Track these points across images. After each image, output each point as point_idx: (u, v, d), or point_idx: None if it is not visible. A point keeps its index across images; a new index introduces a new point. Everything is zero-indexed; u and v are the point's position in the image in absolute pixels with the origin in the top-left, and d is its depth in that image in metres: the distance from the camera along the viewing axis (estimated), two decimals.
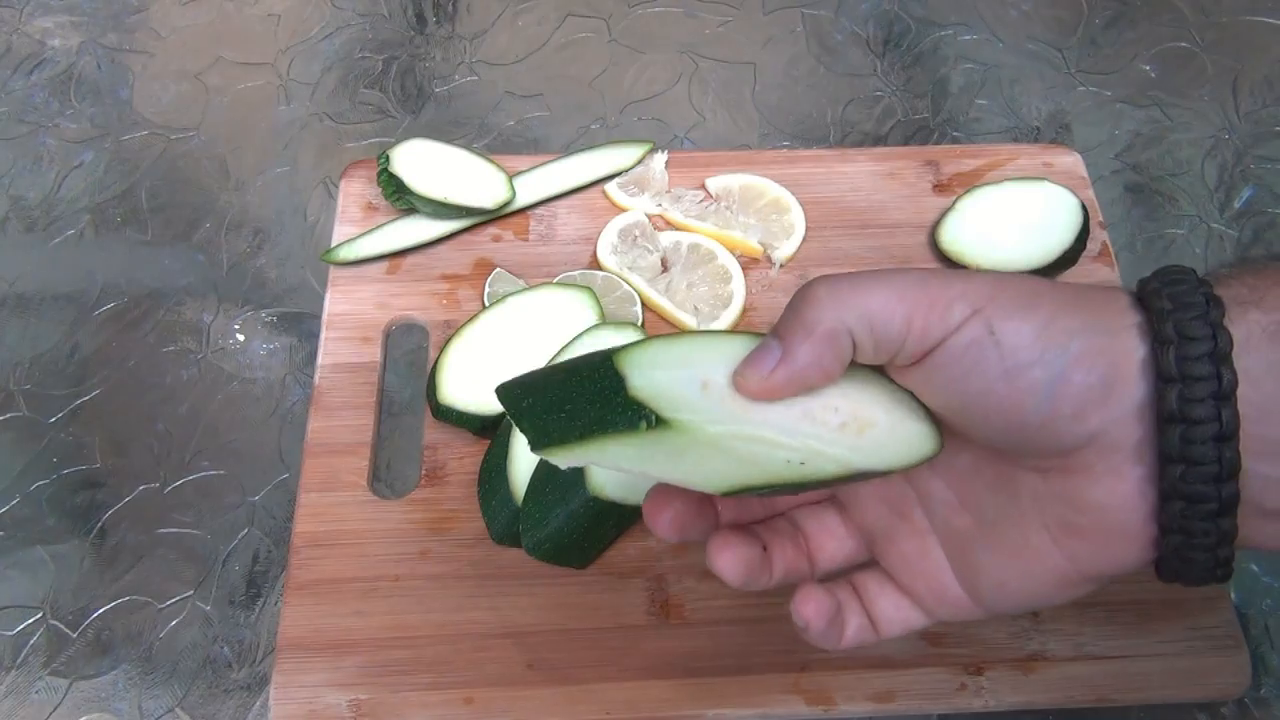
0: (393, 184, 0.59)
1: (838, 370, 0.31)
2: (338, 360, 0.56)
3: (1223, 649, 0.48)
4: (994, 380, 0.29)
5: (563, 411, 0.33)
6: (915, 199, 0.63)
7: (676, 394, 0.32)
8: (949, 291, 0.30)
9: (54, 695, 0.50)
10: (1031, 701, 0.47)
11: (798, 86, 0.74)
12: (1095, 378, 0.29)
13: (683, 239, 0.60)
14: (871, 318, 0.30)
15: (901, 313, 0.30)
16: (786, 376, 0.31)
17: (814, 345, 0.30)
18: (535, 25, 0.77)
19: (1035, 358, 0.29)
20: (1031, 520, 0.32)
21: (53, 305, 0.63)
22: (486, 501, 0.51)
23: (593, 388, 0.33)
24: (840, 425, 0.32)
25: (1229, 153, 0.70)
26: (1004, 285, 0.30)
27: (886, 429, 0.32)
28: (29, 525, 0.55)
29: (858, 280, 0.31)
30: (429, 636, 0.48)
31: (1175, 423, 0.28)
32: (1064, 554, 0.32)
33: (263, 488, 0.56)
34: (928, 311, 0.30)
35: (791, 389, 0.31)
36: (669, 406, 0.31)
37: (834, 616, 0.35)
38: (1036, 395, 0.29)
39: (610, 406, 0.32)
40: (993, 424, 0.30)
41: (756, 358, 0.31)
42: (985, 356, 0.29)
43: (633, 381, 0.32)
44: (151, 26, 0.77)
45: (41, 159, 0.69)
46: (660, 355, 0.33)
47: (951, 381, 0.30)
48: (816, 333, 0.30)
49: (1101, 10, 0.78)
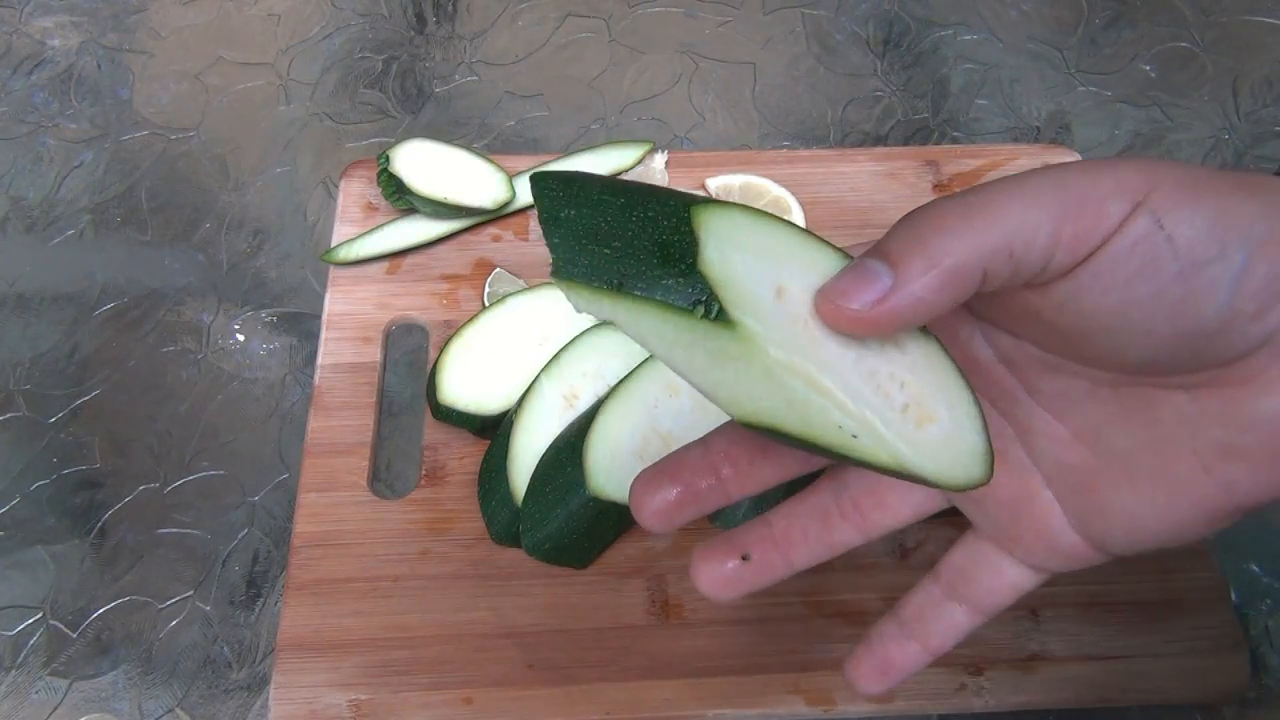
0: (393, 184, 0.59)
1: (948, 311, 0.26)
2: (338, 360, 0.56)
3: (1223, 649, 0.48)
4: (1168, 281, 0.25)
5: (609, 246, 0.28)
6: (915, 199, 0.63)
7: (748, 290, 0.27)
8: (1100, 186, 0.25)
9: (54, 695, 0.50)
10: (1031, 701, 0.47)
11: (798, 86, 0.74)
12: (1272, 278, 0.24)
13: None
14: (1011, 241, 0.25)
15: (1047, 226, 0.25)
16: (891, 312, 0.25)
17: (937, 280, 0.25)
18: (535, 25, 0.77)
19: (1215, 251, 0.24)
20: (1176, 447, 0.28)
21: (53, 305, 0.63)
22: (486, 501, 0.51)
23: (656, 235, 0.27)
24: (904, 407, 0.27)
25: (1229, 153, 0.70)
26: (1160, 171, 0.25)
27: (946, 431, 0.27)
28: (29, 525, 0.55)
29: (989, 198, 0.25)
30: (429, 636, 0.48)
31: None
32: (1218, 482, 0.27)
33: (263, 488, 0.56)
34: (1078, 215, 0.25)
35: (891, 328, 0.26)
36: (737, 301, 0.26)
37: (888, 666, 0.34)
38: (1217, 294, 0.25)
39: (670, 269, 0.27)
40: (1157, 335, 0.26)
41: (857, 280, 0.25)
42: (1157, 255, 0.25)
43: (707, 252, 0.26)
44: (151, 26, 0.77)
45: (41, 159, 0.69)
46: (746, 235, 0.27)
47: (1112, 290, 0.25)
48: (943, 265, 0.25)
49: (1101, 10, 0.78)
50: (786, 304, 0.27)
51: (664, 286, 0.27)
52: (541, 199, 0.28)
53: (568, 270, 0.28)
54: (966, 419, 0.27)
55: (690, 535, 0.51)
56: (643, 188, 0.28)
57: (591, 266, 0.28)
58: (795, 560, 0.35)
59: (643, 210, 0.27)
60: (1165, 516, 0.28)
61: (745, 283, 0.26)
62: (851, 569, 0.50)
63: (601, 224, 0.28)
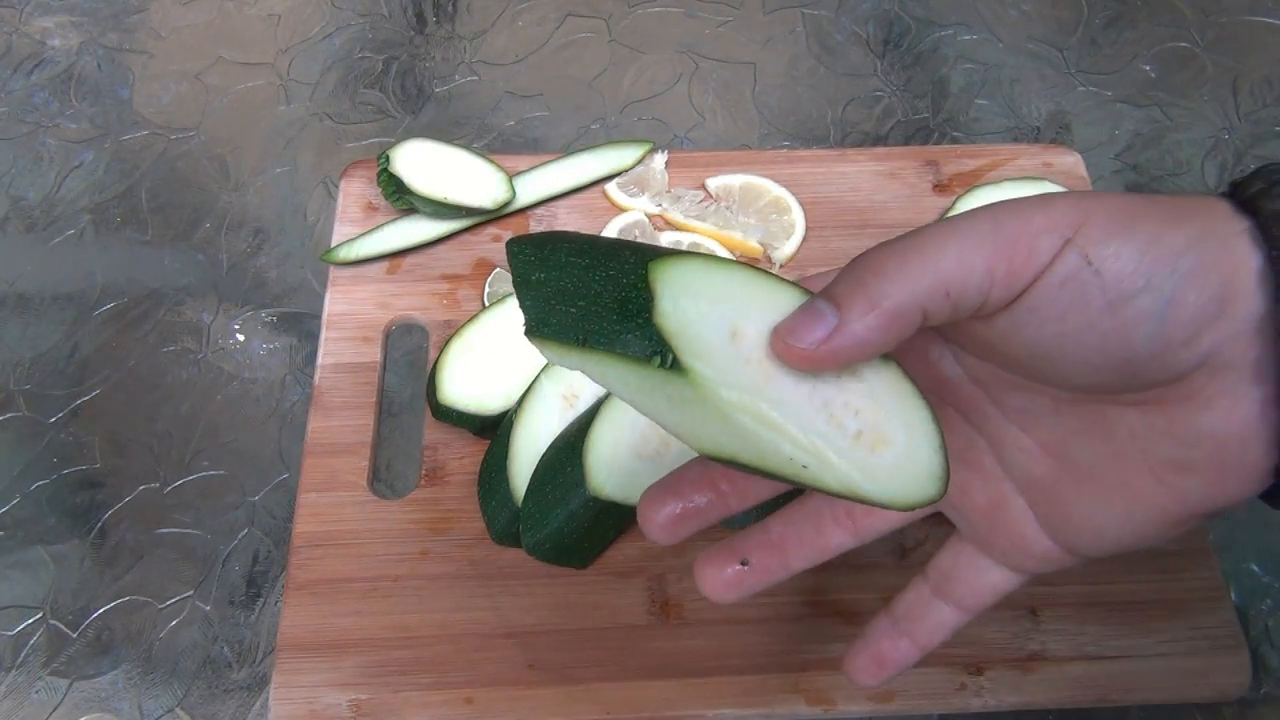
0: (393, 184, 0.59)
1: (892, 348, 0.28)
2: (338, 360, 0.56)
3: (1223, 649, 0.48)
4: (1097, 314, 0.26)
5: (574, 305, 0.30)
6: (915, 199, 0.63)
7: (703, 335, 0.28)
8: (1031, 224, 0.26)
9: (54, 695, 0.50)
10: (1031, 701, 0.47)
11: (798, 86, 0.74)
12: (1209, 295, 0.26)
13: (683, 239, 0.60)
14: (947, 283, 0.27)
15: (981, 265, 0.26)
16: (835, 350, 0.27)
17: (878, 321, 0.27)
18: (535, 25, 0.77)
19: (1142, 283, 0.26)
20: (1132, 460, 0.29)
21: (53, 305, 0.63)
22: (486, 501, 0.51)
23: (616, 292, 0.29)
24: (856, 434, 0.29)
25: (1229, 153, 0.70)
26: (1093, 205, 0.26)
27: (901, 454, 0.29)
28: (29, 525, 0.55)
29: (924, 241, 0.27)
30: (429, 636, 0.48)
31: None
32: (1171, 493, 0.29)
33: (263, 488, 0.56)
34: (1011, 254, 0.26)
35: (836, 364, 0.28)
36: (690, 349, 0.28)
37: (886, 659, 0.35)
38: (1147, 324, 0.26)
39: (629, 324, 0.29)
40: (1093, 363, 0.27)
41: (805, 321, 0.27)
42: (1086, 290, 0.26)
43: (662, 305, 0.28)
44: (151, 26, 0.77)
45: (41, 159, 0.69)
46: (700, 281, 0.29)
47: (1046, 323, 0.27)
48: (883, 308, 0.27)
49: (1101, 10, 0.78)
50: (741, 345, 0.29)
51: (624, 340, 0.29)
52: (514, 263, 0.30)
53: (539, 329, 0.30)
54: (923, 440, 0.28)
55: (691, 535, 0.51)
56: (610, 247, 0.30)
57: (560, 325, 0.29)
58: (792, 564, 0.36)
59: (604, 269, 0.29)
60: (1126, 524, 0.30)
61: (700, 329, 0.28)
62: (851, 569, 0.50)
63: (568, 284, 0.30)
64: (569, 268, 0.30)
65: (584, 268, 0.30)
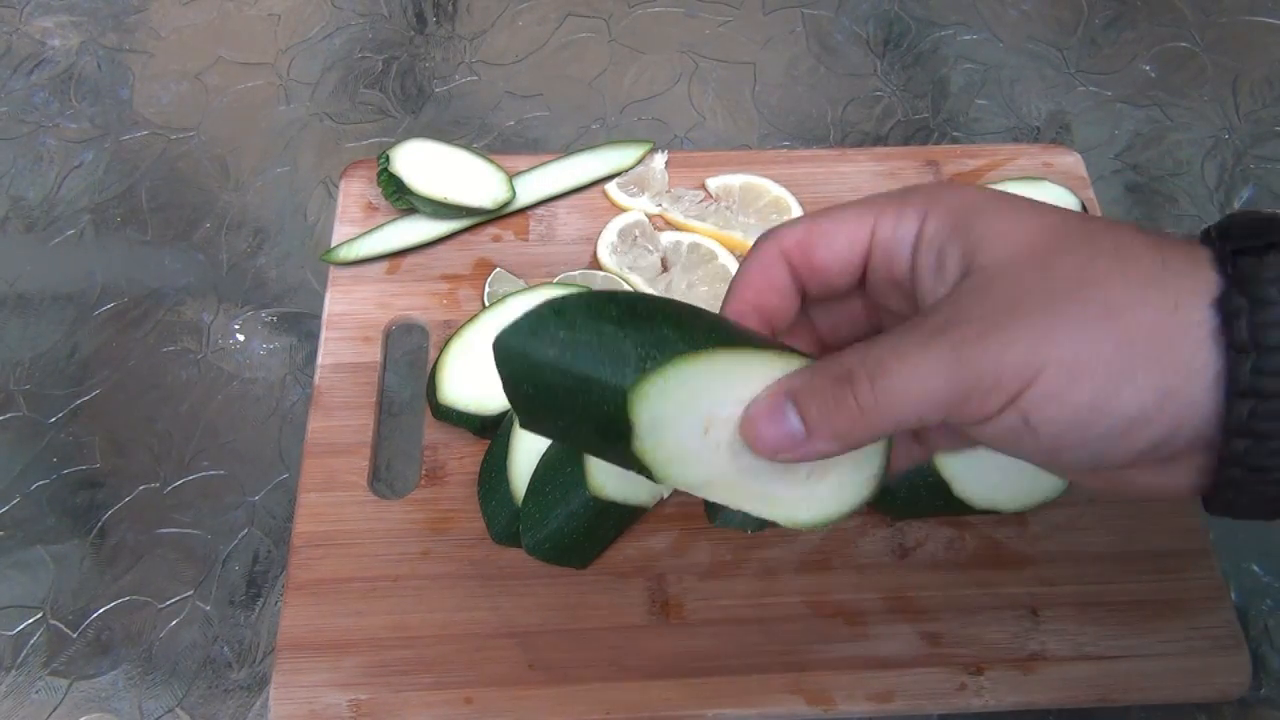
0: (393, 184, 0.59)
1: None
2: (338, 360, 0.56)
3: (1223, 649, 0.48)
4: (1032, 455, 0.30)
5: (561, 420, 0.32)
6: None
7: (677, 441, 0.31)
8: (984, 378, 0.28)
9: (54, 695, 0.50)
10: (1031, 701, 0.47)
11: (798, 86, 0.74)
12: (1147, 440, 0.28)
13: (683, 239, 0.60)
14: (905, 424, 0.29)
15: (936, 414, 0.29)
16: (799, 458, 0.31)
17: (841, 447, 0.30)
18: (535, 25, 0.77)
19: (1075, 442, 0.28)
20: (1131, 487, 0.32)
21: (53, 305, 0.63)
22: (486, 501, 0.51)
23: (597, 419, 0.31)
24: (805, 477, 0.32)
25: (1229, 153, 0.70)
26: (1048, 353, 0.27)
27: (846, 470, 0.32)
28: (29, 525, 0.55)
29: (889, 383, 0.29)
30: (429, 636, 0.48)
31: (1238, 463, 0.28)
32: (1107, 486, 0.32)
33: (263, 488, 0.56)
34: (964, 404, 0.28)
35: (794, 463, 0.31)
36: (664, 461, 0.31)
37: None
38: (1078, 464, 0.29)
39: (611, 445, 0.31)
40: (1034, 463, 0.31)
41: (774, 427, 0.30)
42: (1022, 441, 0.29)
43: (639, 429, 0.30)
44: (151, 26, 0.77)
45: (41, 159, 0.69)
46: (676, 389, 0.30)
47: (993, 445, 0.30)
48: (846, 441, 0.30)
49: (1101, 10, 0.78)
50: (712, 434, 0.31)
51: (608, 455, 0.32)
52: (503, 367, 0.32)
53: (533, 427, 0.33)
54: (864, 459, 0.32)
55: (690, 535, 0.51)
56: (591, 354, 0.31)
57: (550, 429, 0.33)
58: None
59: (585, 396, 0.31)
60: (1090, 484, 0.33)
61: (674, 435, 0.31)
62: (851, 569, 0.50)
63: (553, 403, 0.32)
64: (552, 390, 0.31)
65: (567, 389, 0.31)
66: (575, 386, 0.31)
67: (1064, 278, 0.28)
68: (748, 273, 0.34)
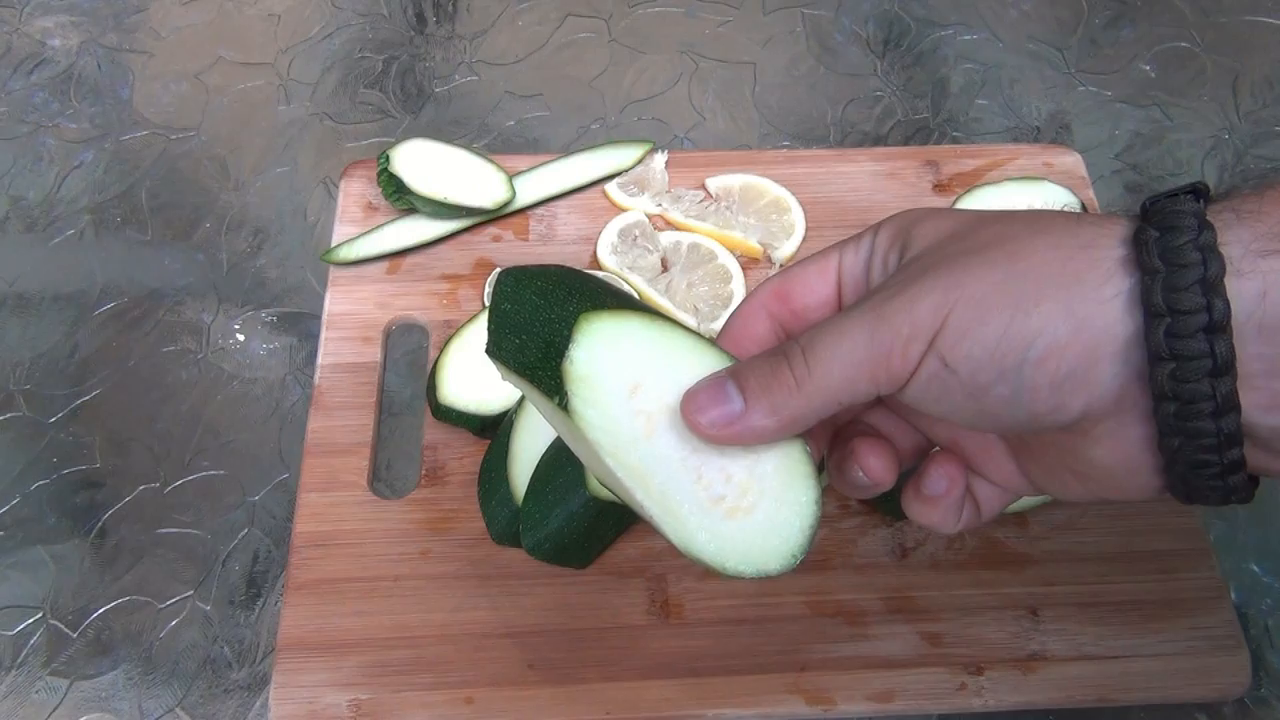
0: (393, 184, 0.59)
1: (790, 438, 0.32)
2: (338, 360, 0.56)
3: (1223, 649, 0.48)
4: (963, 400, 0.30)
5: (519, 338, 0.34)
6: (915, 199, 0.63)
7: (603, 385, 0.32)
8: (900, 334, 0.30)
9: (54, 695, 0.50)
10: (1031, 701, 0.47)
11: (798, 86, 0.74)
12: (1065, 371, 0.28)
13: (683, 239, 0.60)
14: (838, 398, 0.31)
15: (864, 380, 0.30)
16: (736, 437, 0.31)
17: (776, 424, 0.31)
18: (535, 25, 0.77)
19: (994, 377, 0.29)
20: (1053, 462, 0.33)
21: (53, 305, 0.63)
22: (486, 501, 0.51)
23: (549, 334, 0.33)
24: (716, 499, 0.32)
25: (1229, 153, 0.70)
26: (954, 300, 0.29)
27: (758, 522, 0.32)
28: (29, 525, 0.55)
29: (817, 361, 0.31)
30: (429, 636, 0.48)
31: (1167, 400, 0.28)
32: (1086, 490, 0.33)
33: (263, 488, 0.56)
34: (886, 364, 0.30)
35: (736, 445, 0.32)
36: (584, 395, 0.32)
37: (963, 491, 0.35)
38: (1007, 406, 0.30)
39: (548, 364, 0.33)
40: (980, 426, 0.32)
41: (713, 400, 0.31)
42: (948, 385, 0.30)
43: (575, 352, 0.32)
44: (151, 26, 0.77)
45: (41, 159, 0.69)
46: (623, 335, 0.32)
47: (929, 403, 0.31)
48: (782, 416, 0.31)
49: (1101, 10, 0.78)
50: (637, 398, 0.32)
51: (539, 376, 0.33)
52: (494, 291, 0.35)
53: (493, 351, 0.35)
54: (792, 518, 0.32)
55: None
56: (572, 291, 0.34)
57: (506, 351, 0.35)
58: None
59: (551, 311, 0.33)
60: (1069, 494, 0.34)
61: (602, 377, 0.32)
62: (851, 569, 0.50)
63: (520, 319, 0.34)
64: (526, 304, 0.34)
65: (536, 307, 0.34)
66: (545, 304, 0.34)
67: (978, 240, 0.30)
68: (730, 328, 0.36)
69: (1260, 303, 0.27)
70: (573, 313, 0.33)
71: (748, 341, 0.36)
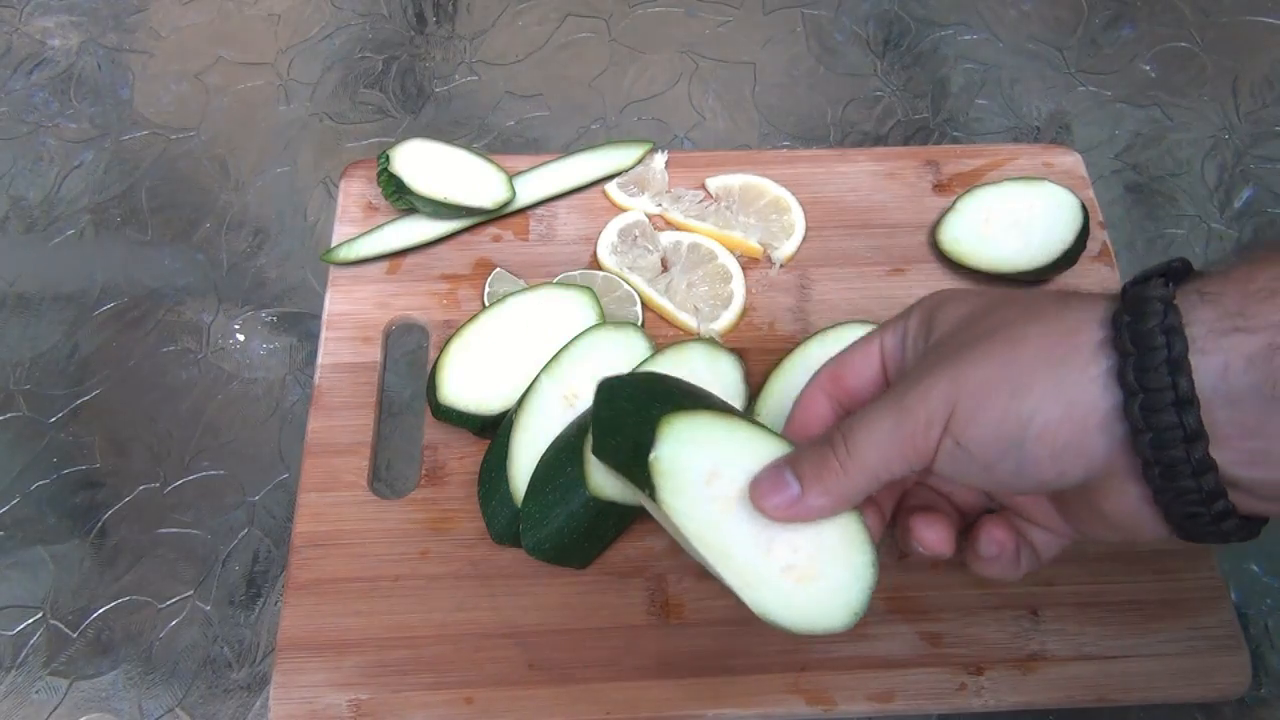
0: (393, 184, 0.59)
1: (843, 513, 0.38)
2: (338, 360, 0.56)
3: (1223, 649, 0.48)
4: (977, 474, 0.35)
5: (614, 439, 0.41)
6: (915, 199, 0.63)
7: (685, 476, 0.38)
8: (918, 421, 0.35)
9: (54, 695, 0.50)
10: (1031, 701, 0.47)
11: (798, 86, 0.74)
12: (1061, 443, 0.32)
13: (683, 239, 0.60)
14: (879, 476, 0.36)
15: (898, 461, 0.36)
16: (794, 516, 0.37)
17: (830, 503, 0.37)
18: (535, 25, 0.77)
19: (999, 453, 0.33)
20: (1082, 514, 0.37)
21: (53, 305, 0.63)
22: (486, 501, 0.51)
23: (635, 435, 0.39)
24: (786, 569, 0.37)
25: (1229, 153, 0.70)
26: (962, 384, 0.34)
27: (824, 587, 0.37)
28: (29, 525, 0.55)
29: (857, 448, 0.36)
30: (429, 636, 0.48)
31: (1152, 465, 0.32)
32: (1116, 535, 0.36)
33: (263, 488, 0.56)
34: (912, 446, 0.35)
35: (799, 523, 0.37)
36: (669, 487, 0.37)
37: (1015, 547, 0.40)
38: (1015, 477, 0.34)
39: (638, 462, 0.38)
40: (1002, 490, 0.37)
41: (775, 487, 0.37)
42: (963, 461, 0.34)
43: (660, 450, 0.38)
44: (151, 26, 0.77)
45: (41, 159, 0.69)
46: (699, 433, 0.38)
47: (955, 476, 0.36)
48: (834, 495, 0.37)
49: (1101, 10, 0.79)
50: (715, 485, 0.38)
51: (632, 473, 0.39)
52: (595, 398, 0.43)
53: (598, 451, 0.42)
54: (853, 580, 0.38)
55: None
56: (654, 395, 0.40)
57: (608, 451, 0.42)
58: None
59: (635, 416, 0.40)
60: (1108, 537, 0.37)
61: (685, 469, 0.38)
62: None
63: (614, 424, 0.41)
64: (619, 410, 0.41)
65: (625, 412, 0.41)
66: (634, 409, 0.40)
67: (982, 328, 0.35)
68: (796, 411, 0.42)
69: (1224, 375, 0.30)
70: (655, 416, 0.38)
71: (812, 421, 0.41)
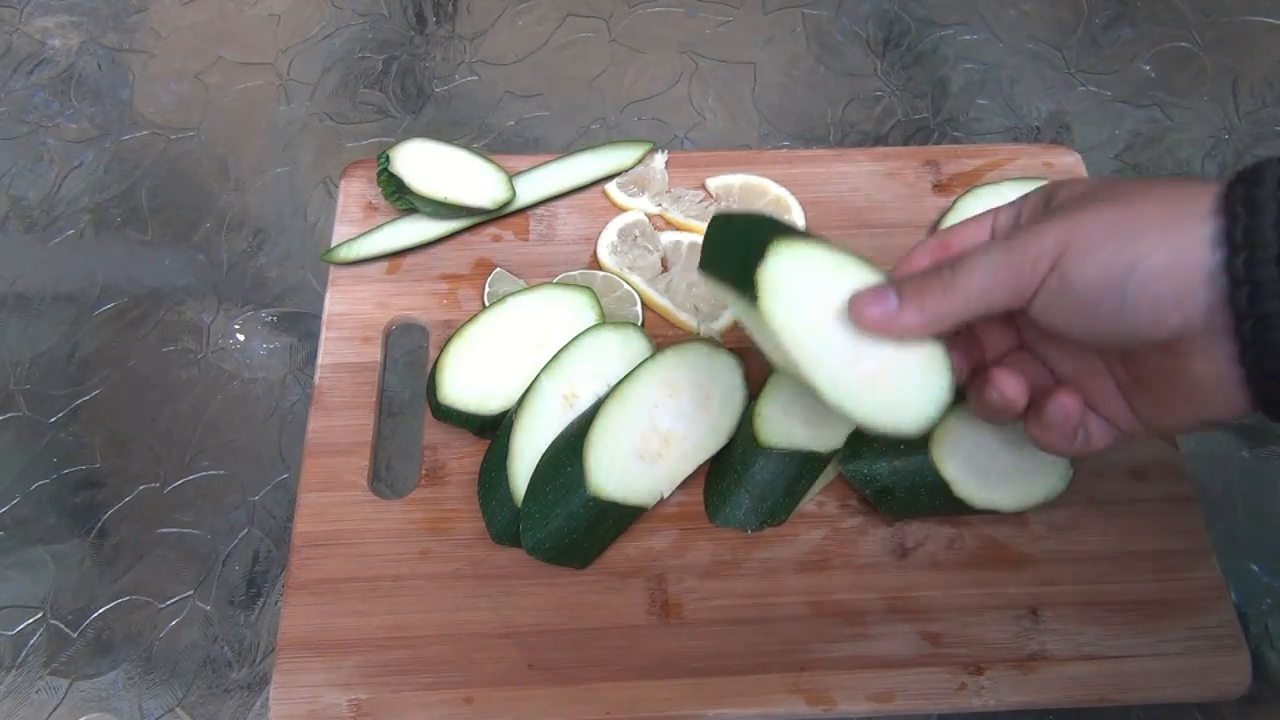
0: (393, 184, 0.59)
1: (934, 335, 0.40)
2: (338, 360, 0.56)
3: (1223, 649, 0.48)
4: (1075, 313, 0.37)
5: (723, 253, 0.44)
6: (915, 199, 0.63)
7: (788, 288, 0.39)
8: (1029, 253, 0.37)
9: (54, 695, 0.50)
10: (1031, 701, 0.47)
11: (798, 86, 0.74)
12: (1163, 292, 0.35)
13: (683, 239, 0.60)
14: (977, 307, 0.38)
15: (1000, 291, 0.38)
16: (888, 329, 0.39)
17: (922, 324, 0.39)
18: (535, 25, 0.77)
19: (1102, 294, 0.36)
20: (1159, 387, 0.39)
21: (53, 305, 0.63)
22: (486, 501, 0.51)
23: (744, 250, 0.41)
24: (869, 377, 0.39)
25: (1229, 153, 0.70)
26: (1079, 226, 0.36)
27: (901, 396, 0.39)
28: (29, 525, 0.55)
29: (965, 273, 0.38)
30: (429, 636, 0.48)
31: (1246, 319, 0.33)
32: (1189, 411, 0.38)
33: (263, 488, 0.56)
34: (1018, 278, 0.37)
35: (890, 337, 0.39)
36: (773, 295, 0.39)
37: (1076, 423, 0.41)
38: (1113, 320, 0.36)
39: (743, 271, 0.40)
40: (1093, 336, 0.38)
41: (875, 298, 0.39)
42: (1061, 301, 0.37)
43: (768, 262, 0.39)
44: (151, 26, 0.77)
45: (41, 159, 0.69)
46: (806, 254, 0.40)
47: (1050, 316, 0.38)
48: (928, 316, 0.39)
49: (1101, 10, 0.78)
50: (814, 300, 0.40)
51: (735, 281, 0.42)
52: (709, 225, 0.45)
53: (702, 264, 0.46)
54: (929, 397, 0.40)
55: (690, 535, 0.51)
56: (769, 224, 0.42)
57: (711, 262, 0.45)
58: None
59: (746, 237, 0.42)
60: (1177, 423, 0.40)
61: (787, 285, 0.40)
62: (851, 569, 0.50)
63: (727, 242, 0.44)
64: (732, 234, 0.44)
65: (738, 234, 0.43)
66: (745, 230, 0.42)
67: (1102, 195, 0.37)
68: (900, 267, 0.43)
69: None
70: (766, 238, 0.40)
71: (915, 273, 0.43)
